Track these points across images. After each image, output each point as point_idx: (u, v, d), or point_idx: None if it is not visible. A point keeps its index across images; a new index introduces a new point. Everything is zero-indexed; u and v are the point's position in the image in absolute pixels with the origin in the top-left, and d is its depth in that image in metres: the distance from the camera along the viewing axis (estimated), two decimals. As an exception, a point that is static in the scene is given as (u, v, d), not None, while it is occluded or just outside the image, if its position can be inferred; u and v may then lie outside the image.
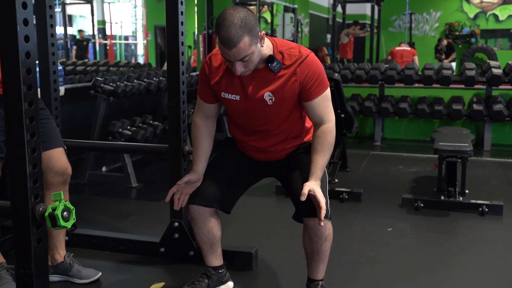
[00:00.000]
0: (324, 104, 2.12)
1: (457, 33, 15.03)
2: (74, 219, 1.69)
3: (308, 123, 2.29)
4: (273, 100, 2.09)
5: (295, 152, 2.27)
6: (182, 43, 2.59)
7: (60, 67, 3.53)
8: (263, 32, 2.02)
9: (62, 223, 1.63)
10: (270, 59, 2.05)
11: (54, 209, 1.63)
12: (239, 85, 2.12)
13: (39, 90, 2.86)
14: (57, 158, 2.38)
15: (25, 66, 1.55)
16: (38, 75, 2.84)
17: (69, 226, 1.67)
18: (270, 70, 2.06)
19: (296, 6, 11.64)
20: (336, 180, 4.20)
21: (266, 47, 2.06)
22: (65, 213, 1.65)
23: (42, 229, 1.68)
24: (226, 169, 2.30)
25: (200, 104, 2.28)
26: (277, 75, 2.07)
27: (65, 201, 1.65)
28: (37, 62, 2.85)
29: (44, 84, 2.86)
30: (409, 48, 10.27)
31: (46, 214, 1.62)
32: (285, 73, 2.06)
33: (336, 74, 3.87)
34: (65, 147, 2.46)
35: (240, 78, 2.10)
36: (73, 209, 1.68)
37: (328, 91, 2.14)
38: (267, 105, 2.11)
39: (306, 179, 2.10)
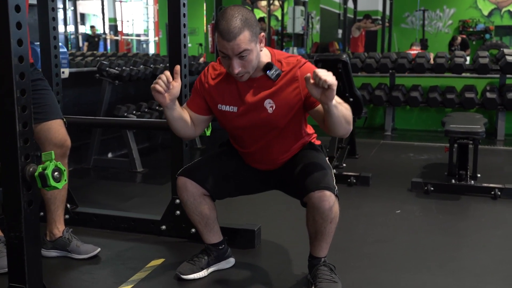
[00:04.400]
0: None
1: (471, 29, 14.78)
2: (65, 180, 1.64)
3: (310, 130, 2.23)
4: (274, 107, 2.05)
5: (294, 156, 2.19)
6: (184, 5, 2.51)
7: (64, 49, 3.49)
8: (263, 34, 1.99)
9: (52, 183, 1.58)
10: (268, 66, 2.02)
11: (44, 169, 1.57)
12: (236, 95, 2.08)
13: (40, 64, 2.83)
14: (56, 129, 2.33)
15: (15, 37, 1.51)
16: (39, 48, 2.82)
17: (60, 187, 1.62)
18: (269, 78, 2.02)
19: (306, -1, 11.56)
20: (344, 165, 4.11)
21: (264, 55, 2.04)
22: (56, 173, 1.59)
23: (33, 191, 1.63)
24: (223, 165, 2.26)
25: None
26: (276, 82, 2.03)
27: (56, 162, 1.60)
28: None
29: (45, 58, 2.83)
30: (421, 50, 10.09)
31: (36, 173, 1.57)
32: (285, 79, 2.03)
33: (344, 55, 3.78)
34: (65, 120, 2.41)
35: (237, 87, 2.06)
36: (64, 170, 1.63)
37: None
38: (267, 113, 2.06)
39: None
